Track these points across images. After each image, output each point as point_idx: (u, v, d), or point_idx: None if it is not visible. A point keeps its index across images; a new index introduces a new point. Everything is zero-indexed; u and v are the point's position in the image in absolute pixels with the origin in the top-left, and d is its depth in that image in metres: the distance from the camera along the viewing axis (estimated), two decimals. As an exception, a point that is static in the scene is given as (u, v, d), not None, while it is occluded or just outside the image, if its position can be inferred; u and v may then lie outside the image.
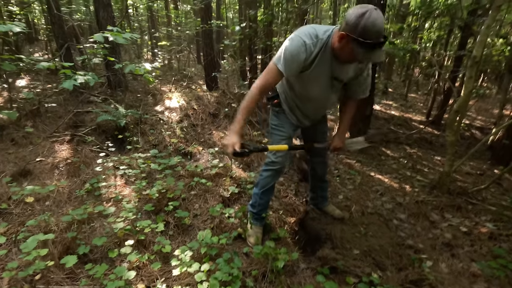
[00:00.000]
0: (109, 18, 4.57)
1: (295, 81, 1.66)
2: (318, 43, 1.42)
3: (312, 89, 1.63)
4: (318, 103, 1.74)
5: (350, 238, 2.17)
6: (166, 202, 2.17)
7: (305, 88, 1.64)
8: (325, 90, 1.63)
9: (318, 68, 1.49)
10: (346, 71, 1.54)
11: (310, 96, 1.67)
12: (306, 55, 1.42)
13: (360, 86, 1.67)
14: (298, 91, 1.70)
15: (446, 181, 2.76)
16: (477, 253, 2.09)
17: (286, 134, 1.86)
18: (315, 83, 1.59)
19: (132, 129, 3.13)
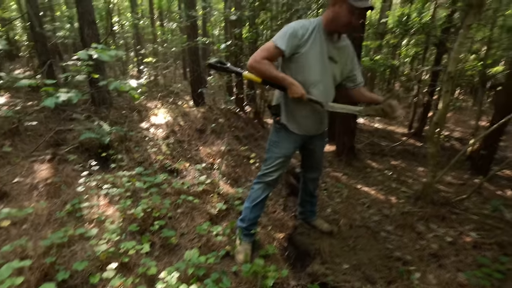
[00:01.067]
0: (94, 35, 4.55)
1: (295, 69, 1.69)
2: (312, 23, 1.64)
3: (311, 71, 1.67)
4: (319, 90, 1.72)
5: (339, 252, 2.17)
6: (151, 221, 2.11)
7: (305, 71, 1.67)
8: (323, 71, 1.68)
9: (314, 46, 1.62)
10: (337, 53, 1.69)
11: (311, 80, 1.68)
12: (303, 31, 1.60)
13: (358, 71, 1.84)
14: (302, 78, 1.69)
15: (430, 192, 2.83)
16: (462, 262, 2.12)
17: (283, 152, 1.88)
18: (313, 63, 1.64)
19: (117, 147, 3.07)
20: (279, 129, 1.88)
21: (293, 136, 1.87)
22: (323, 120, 1.92)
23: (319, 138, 2.02)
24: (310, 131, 1.88)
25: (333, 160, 3.98)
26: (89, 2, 4.52)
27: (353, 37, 3.63)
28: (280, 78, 1.61)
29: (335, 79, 1.77)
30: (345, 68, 1.78)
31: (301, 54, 1.63)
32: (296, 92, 1.60)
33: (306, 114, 1.80)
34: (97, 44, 3.35)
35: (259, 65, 1.59)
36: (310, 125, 1.86)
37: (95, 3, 8.05)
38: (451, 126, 7.44)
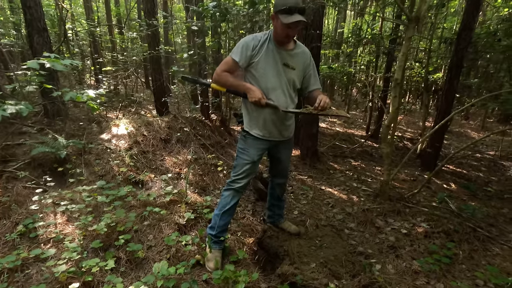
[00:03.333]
0: (45, 43, 4.28)
1: (253, 77, 1.82)
2: (264, 35, 1.81)
3: (268, 77, 1.78)
4: (277, 95, 1.81)
5: (306, 252, 2.26)
6: (116, 236, 2.03)
7: (262, 78, 1.79)
8: (279, 77, 1.80)
9: (267, 55, 1.76)
10: (292, 60, 1.81)
11: (268, 86, 1.80)
12: (255, 43, 1.76)
13: (315, 77, 1.93)
14: (261, 87, 1.81)
15: (386, 189, 3.06)
16: (416, 251, 2.33)
17: (250, 159, 1.94)
18: (268, 70, 1.77)
19: (75, 161, 2.90)
20: (244, 136, 1.96)
21: (257, 142, 1.93)
22: (286, 124, 1.96)
23: (285, 146, 2.08)
24: (273, 135, 1.94)
25: (298, 164, 4.12)
26: (38, 8, 4.25)
27: (311, 47, 3.85)
28: (239, 85, 1.79)
29: (294, 84, 1.87)
30: (303, 73, 1.89)
31: (256, 63, 1.78)
32: (253, 97, 1.73)
33: (267, 118, 1.87)
34: (49, 52, 3.16)
35: (220, 77, 1.79)
36: (272, 129, 1.91)
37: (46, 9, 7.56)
38: (403, 128, 8.09)
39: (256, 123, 1.91)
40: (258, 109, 1.83)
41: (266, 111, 1.82)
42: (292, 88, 1.87)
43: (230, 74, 1.79)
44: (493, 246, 2.46)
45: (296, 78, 1.85)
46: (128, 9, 10.22)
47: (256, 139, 1.93)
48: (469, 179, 4.36)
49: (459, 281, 2.03)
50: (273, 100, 1.80)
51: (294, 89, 1.89)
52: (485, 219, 2.86)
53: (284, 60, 1.79)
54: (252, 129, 1.92)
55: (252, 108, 1.87)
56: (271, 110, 1.82)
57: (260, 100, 1.72)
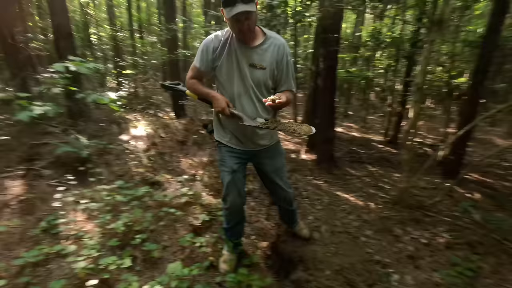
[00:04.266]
0: (70, 47, 4.47)
1: (219, 83, 1.65)
2: (225, 33, 1.58)
3: (232, 83, 1.58)
4: (243, 103, 1.61)
5: (321, 258, 2.22)
6: (133, 235, 2.07)
7: (226, 84, 1.60)
8: (244, 81, 1.57)
9: (229, 56, 1.55)
10: (261, 58, 1.55)
11: (233, 93, 1.59)
12: (215, 44, 1.56)
13: (287, 75, 1.64)
14: (226, 94, 1.62)
15: (405, 197, 2.97)
16: (437, 262, 2.23)
17: (229, 168, 1.76)
18: (232, 74, 1.56)
19: (96, 160, 3.00)
20: (218, 147, 1.82)
21: (232, 151, 1.77)
22: (259, 133, 1.72)
23: (267, 155, 1.83)
24: (246, 145, 1.74)
25: (314, 169, 4.07)
26: (64, 14, 4.45)
27: (329, 51, 3.81)
28: (204, 93, 1.62)
29: (266, 86, 1.61)
30: (275, 71, 1.61)
31: (219, 67, 1.58)
32: (217, 106, 1.55)
33: (235, 128, 1.69)
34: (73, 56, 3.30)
35: (189, 85, 1.67)
36: (243, 139, 1.72)
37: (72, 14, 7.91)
38: (423, 134, 7.83)
39: (224, 132, 1.75)
40: (225, 118, 1.65)
41: (234, 121, 1.60)
42: (263, 91, 1.61)
43: (197, 81, 1.63)
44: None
45: (268, 78, 1.59)
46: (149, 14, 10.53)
47: (230, 148, 1.76)
48: (494, 188, 4.15)
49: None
50: (239, 108, 1.59)
51: (268, 91, 1.63)
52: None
53: (250, 60, 1.54)
54: (223, 138, 1.76)
55: (220, 117, 1.72)
56: (239, 107, 1.63)
57: (223, 110, 1.52)
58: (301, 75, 10.44)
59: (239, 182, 1.79)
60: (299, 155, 4.56)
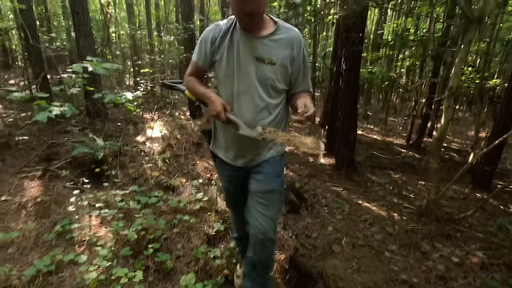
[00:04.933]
0: (90, 47, 4.50)
1: (219, 81, 1.38)
2: (229, 21, 1.32)
3: (233, 80, 1.28)
4: (242, 105, 1.29)
5: (342, 275, 2.07)
6: (145, 243, 2.00)
7: (226, 82, 1.31)
8: (248, 78, 1.27)
9: (231, 47, 1.27)
10: (269, 50, 1.25)
11: (233, 92, 1.30)
12: (215, 33, 1.30)
13: (304, 75, 1.35)
14: (225, 94, 1.33)
15: (434, 208, 2.76)
16: (471, 286, 2.04)
17: (225, 188, 1.57)
18: (233, 70, 1.27)
19: (111, 162, 2.97)
20: (213, 160, 1.56)
21: (225, 167, 1.46)
22: (254, 147, 1.37)
23: (260, 170, 1.39)
24: (236, 160, 1.41)
25: (333, 174, 3.90)
26: (85, 14, 4.48)
27: (352, 50, 3.62)
28: (200, 93, 1.34)
29: (273, 85, 1.29)
30: (289, 69, 1.30)
31: (219, 61, 1.31)
32: (212, 109, 1.27)
33: (231, 138, 1.37)
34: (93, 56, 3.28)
35: (186, 82, 1.41)
36: (234, 152, 1.40)
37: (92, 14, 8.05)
38: (449, 138, 7.44)
39: (219, 143, 1.47)
40: (222, 125, 1.35)
41: (230, 127, 1.31)
42: (269, 91, 1.29)
43: (196, 79, 1.38)
44: None
45: (276, 75, 1.28)
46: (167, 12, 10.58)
47: (223, 163, 1.47)
48: (531, 200, 3.83)
49: (527, 327, 1.73)
50: (237, 111, 1.29)
51: (275, 92, 1.31)
52: (556, 252, 2.45)
53: (256, 52, 1.25)
54: (217, 149, 1.49)
55: (217, 123, 1.43)
56: (237, 109, 1.32)
57: (219, 114, 1.24)
58: (319, 74, 10.18)
59: (241, 211, 1.45)
60: (317, 159, 4.39)
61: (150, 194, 2.54)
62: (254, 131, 1.25)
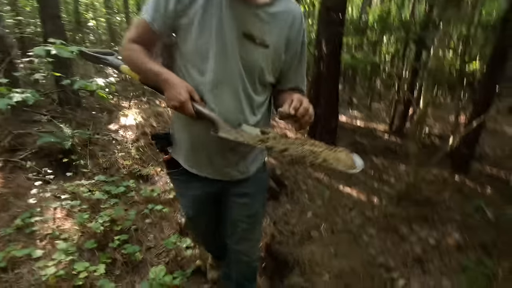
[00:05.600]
0: (58, 31, 4.20)
1: (182, 60, 0.95)
2: None
3: (210, 59, 0.89)
4: (225, 95, 0.93)
5: (319, 261, 2.03)
6: (113, 235, 1.90)
7: (199, 62, 0.91)
8: (231, 60, 0.90)
9: (208, 10, 0.86)
10: (263, 27, 0.90)
11: (211, 76, 0.91)
12: None
13: (298, 68, 1.03)
14: (192, 80, 0.93)
15: (413, 192, 2.76)
16: (447, 267, 2.04)
17: (185, 211, 1.26)
18: (214, 45, 0.88)
19: (80, 152, 2.81)
20: (172, 174, 1.15)
21: (193, 183, 1.10)
22: (236, 154, 1.04)
23: (241, 192, 1.13)
24: (208, 170, 1.06)
25: (315, 160, 3.86)
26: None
27: (332, 33, 3.52)
28: (153, 72, 0.89)
29: (261, 76, 0.96)
30: (284, 55, 0.97)
31: (186, 29, 0.89)
32: (171, 98, 0.86)
33: (196, 139, 1.01)
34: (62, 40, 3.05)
35: (126, 53, 0.95)
36: (204, 159, 1.03)
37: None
38: (430, 123, 7.53)
39: (179, 146, 1.07)
40: (184, 121, 1.00)
41: (197, 126, 0.96)
42: (256, 83, 0.97)
43: (142, 49, 0.93)
44: (539, 265, 2.12)
45: (267, 63, 0.94)
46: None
47: (190, 177, 1.08)
48: (506, 181, 3.92)
49: (499, 306, 1.75)
50: (212, 104, 0.92)
51: (261, 85, 0.99)
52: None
53: (245, 26, 0.88)
54: (177, 155, 1.09)
55: (177, 119, 1.05)
56: (206, 125, 0.92)
57: (183, 105, 0.85)
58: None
59: (207, 232, 1.26)
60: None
61: (121, 183, 2.42)
62: (248, 136, 0.87)
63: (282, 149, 0.80)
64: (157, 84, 0.91)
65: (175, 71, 0.96)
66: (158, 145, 1.12)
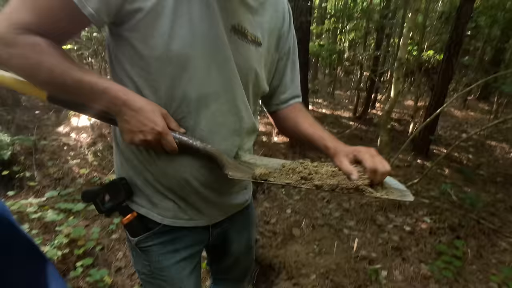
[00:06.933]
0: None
1: (150, 68, 0.60)
2: None
3: (200, 68, 0.62)
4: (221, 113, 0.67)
5: (305, 260, 1.98)
6: (75, 260, 1.64)
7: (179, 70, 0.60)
8: (228, 66, 0.65)
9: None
10: (254, 20, 0.67)
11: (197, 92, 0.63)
12: None
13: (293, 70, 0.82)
14: (160, 97, 0.62)
15: (385, 180, 2.83)
16: (423, 252, 2.12)
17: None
18: (203, 44, 0.60)
19: (24, 161, 2.41)
20: (146, 239, 0.74)
21: (180, 237, 0.76)
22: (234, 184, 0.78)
23: (237, 226, 0.89)
24: (209, 214, 0.77)
25: (288, 153, 3.81)
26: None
27: (301, 22, 3.42)
28: (91, 86, 0.55)
29: (256, 84, 0.72)
30: (274, 53, 0.76)
31: (146, 20, 0.56)
32: (138, 129, 0.58)
33: (188, 179, 0.69)
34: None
35: (13, 50, 0.52)
36: (199, 203, 0.74)
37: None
38: (388, 108, 7.96)
39: (150, 193, 0.71)
40: (154, 156, 0.67)
41: (185, 162, 0.67)
42: (250, 95, 0.73)
43: (54, 45, 0.54)
44: (499, 240, 2.31)
45: (261, 67, 0.72)
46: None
47: (167, 234, 0.75)
48: (460, 162, 4.26)
49: (472, 285, 1.85)
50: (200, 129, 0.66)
51: (255, 97, 0.76)
52: (486, 208, 2.71)
53: (235, 18, 0.64)
54: (147, 208, 0.72)
55: (138, 153, 0.68)
56: (195, 161, 0.67)
57: (161, 137, 0.59)
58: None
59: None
60: (271, 138, 4.26)
61: (78, 196, 2.11)
62: (277, 171, 0.63)
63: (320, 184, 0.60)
64: (97, 105, 0.57)
65: (128, 85, 0.62)
66: (107, 205, 0.69)
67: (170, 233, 0.74)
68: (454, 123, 6.68)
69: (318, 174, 0.63)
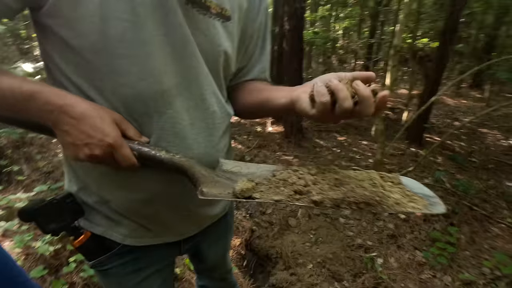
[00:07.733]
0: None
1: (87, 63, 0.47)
2: None
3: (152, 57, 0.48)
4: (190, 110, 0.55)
5: (301, 250, 1.99)
6: (67, 255, 1.60)
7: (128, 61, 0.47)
8: (193, 48, 0.52)
9: None
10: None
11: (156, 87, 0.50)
12: None
13: (264, 46, 0.69)
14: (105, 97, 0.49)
15: (380, 169, 2.83)
16: (418, 239, 2.15)
17: None
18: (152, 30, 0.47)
19: (11, 155, 2.33)
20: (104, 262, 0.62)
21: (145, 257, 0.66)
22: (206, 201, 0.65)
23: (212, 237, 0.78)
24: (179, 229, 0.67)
25: (282, 143, 3.79)
26: None
27: (295, 8, 3.34)
28: (17, 92, 0.43)
29: (227, 67, 0.60)
30: (247, 32, 0.64)
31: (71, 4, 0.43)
32: (82, 142, 0.45)
33: (155, 194, 0.57)
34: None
35: None
36: (170, 218, 0.62)
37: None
38: (382, 96, 7.94)
39: (107, 210, 0.59)
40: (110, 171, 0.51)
41: (148, 177, 0.55)
42: (221, 80, 0.61)
43: None
44: (491, 226, 2.35)
45: (233, 45, 0.60)
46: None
47: (129, 254, 0.64)
48: (453, 149, 4.30)
49: (466, 271, 1.88)
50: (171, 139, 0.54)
51: (226, 81, 0.64)
52: (478, 195, 2.75)
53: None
54: (104, 227, 0.60)
55: (92, 168, 0.54)
56: (160, 176, 0.55)
57: (114, 150, 0.46)
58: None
59: None
60: (265, 128, 4.22)
61: (70, 190, 2.06)
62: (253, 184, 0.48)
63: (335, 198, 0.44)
64: (26, 116, 0.45)
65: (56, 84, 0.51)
66: (52, 226, 0.56)
67: (132, 252, 0.63)
68: (446, 111, 6.72)
69: (317, 185, 0.48)
